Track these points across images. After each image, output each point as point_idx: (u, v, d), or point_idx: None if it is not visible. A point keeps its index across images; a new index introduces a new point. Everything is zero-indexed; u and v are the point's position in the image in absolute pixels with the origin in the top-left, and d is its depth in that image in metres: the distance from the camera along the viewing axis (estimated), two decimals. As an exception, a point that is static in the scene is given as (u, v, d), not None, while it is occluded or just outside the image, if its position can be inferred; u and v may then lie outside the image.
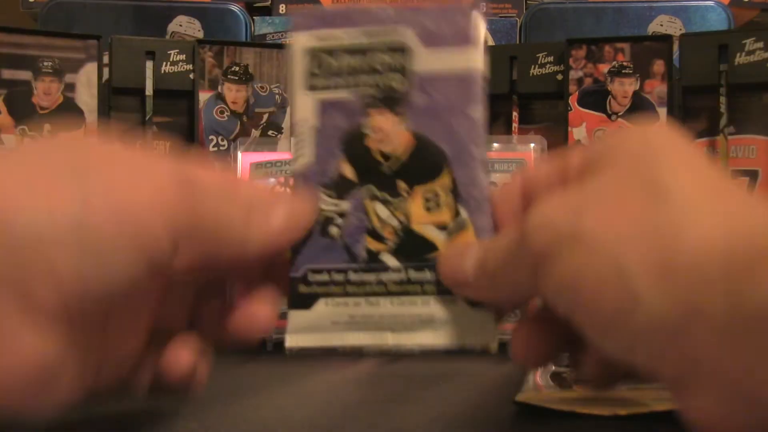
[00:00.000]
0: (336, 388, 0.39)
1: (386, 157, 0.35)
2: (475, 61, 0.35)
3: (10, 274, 0.25)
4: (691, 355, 0.24)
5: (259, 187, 0.35)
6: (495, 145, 0.63)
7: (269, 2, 0.91)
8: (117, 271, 0.27)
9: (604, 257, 0.25)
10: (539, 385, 0.39)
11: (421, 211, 0.34)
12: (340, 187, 0.35)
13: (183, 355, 0.32)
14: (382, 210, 0.34)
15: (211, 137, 0.74)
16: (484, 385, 0.38)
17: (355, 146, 0.35)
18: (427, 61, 0.35)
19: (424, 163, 0.34)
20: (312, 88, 0.36)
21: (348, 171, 0.35)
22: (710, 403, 0.24)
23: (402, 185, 0.34)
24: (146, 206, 0.27)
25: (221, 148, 0.74)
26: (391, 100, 0.35)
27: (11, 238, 0.25)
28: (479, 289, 0.32)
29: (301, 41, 0.36)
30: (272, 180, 0.64)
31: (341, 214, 0.35)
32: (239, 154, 0.65)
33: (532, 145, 0.62)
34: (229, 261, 0.32)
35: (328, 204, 0.35)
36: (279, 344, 0.42)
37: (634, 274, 0.24)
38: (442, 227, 0.34)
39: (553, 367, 0.41)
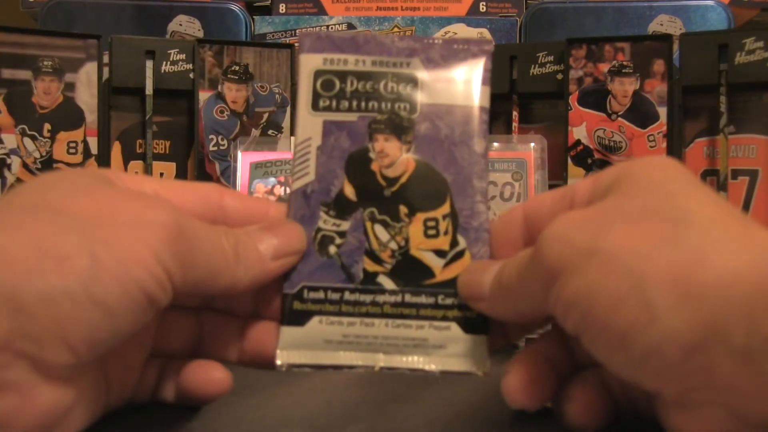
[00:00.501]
0: (336, 388, 0.39)
1: (389, 181, 0.35)
2: (480, 98, 0.36)
3: (22, 339, 0.26)
4: (706, 372, 0.24)
5: (256, 209, 0.35)
6: (495, 144, 0.63)
7: (269, 2, 0.91)
8: (125, 320, 0.28)
9: (622, 273, 0.25)
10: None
11: (420, 237, 0.35)
12: (340, 207, 0.35)
13: (216, 374, 0.34)
14: (381, 232, 0.35)
15: (211, 137, 0.74)
16: (484, 385, 0.38)
17: (358, 168, 0.35)
18: (434, 93, 0.36)
19: (426, 190, 0.35)
20: (318, 108, 0.36)
21: (350, 192, 0.35)
22: (716, 419, 0.25)
23: (403, 210, 0.35)
24: (149, 254, 0.28)
25: (221, 147, 0.74)
26: (397, 127, 0.36)
27: (23, 306, 0.25)
28: (494, 305, 0.32)
29: (310, 62, 0.36)
30: (272, 179, 0.64)
31: (340, 234, 0.35)
32: (239, 154, 0.65)
33: (532, 144, 0.62)
34: (222, 295, 0.33)
35: (328, 223, 0.35)
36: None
37: (652, 291, 0.25)
38: (440, 254, 0.35)
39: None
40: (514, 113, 0.74)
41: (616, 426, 0.32)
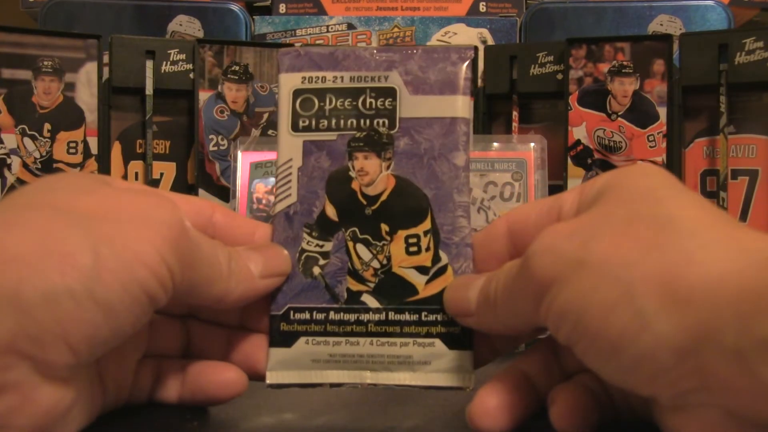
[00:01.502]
0: (336, 388, 0.39)
1: (370, 199, 0.35)
2: (460, 109, 0.36)
3: (25, 340, 0.26)
4: (699, 375, 0.24)
5: (243, 228, 0.36)
6: (495, 144, 0.63)
7: (269, 2, 0.91)
8: (126, 320, 0.28)
9: (612, 281, 0.26)
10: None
11: (402, 254, 0.35)
12: (323, 228, 0.35)
13: (230, 375, 0.34)
14: (364, 252, 0.35)
15: (211, 137, 0.74)
16: (485, 385, 0.38)
17: (339, 188, 0.35)
18: (414, 106, 0.36)
19: (406, 207, 0.35)
20: (298, 129, 0.36)
21: (331, 212, 0.35)
22: (713, 421, 0.25)
23: (384, 228, 0.35)
24: (153, 253, 0.28)
25: (221, 147, 0.74)
26: (376, 144, 0.35)
27: (26, 306, 0.25)
28: (481, 319, 0.32)
29: (288, 82, 0.36)
30: (272, 179, 0.64)
31: (323, 255, 0.35)
32: (239, 154, 0.65)
33: (532, 144, 0.62)
34: (212, 305, 0.33)
35: (311, 244, 0.35)
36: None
37: (642, 297, 0.25)
38: (422, 270, 0.35)
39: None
40: (514, 113, 0.74)
41: (615, 426, 0.32)
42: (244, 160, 0.65)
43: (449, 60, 0.36)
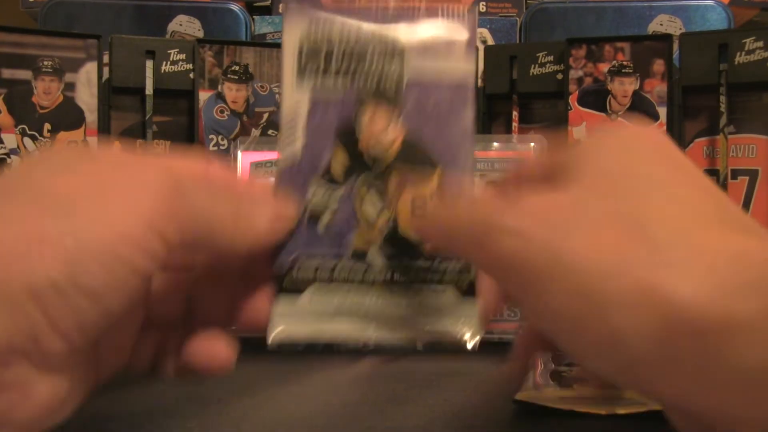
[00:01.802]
0: (336, 388, 0.39)
1: (377, 155, 0.35)
2: (467, 67, 0.36)
3: (19, 335, 0.25)
4: (675, 386, 0.24)
5: (242, 183, 0.35)
6: (495, 144, 0.63)
7: (269, 2, 0.91)
8: (115, 301, 0.27)
9: (584, 295, 0.25)
10: (539, 383, 0.39)
11: (408, 211, 0.35)
12: (329, 182, 0.35)
13: (220, 349, 0.33)
14: (370, 208, 0.35)
15: (211, 137, 0.74)
16: (484, 385, 0.38)
17: (345, 144, 0.35)
18: (422, 64, 0.35)
19: (413, 166, 0.35)
20: (304, 81, 0.35)
21: (338, 166, 0.35)
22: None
23: (390, 185, 0.35)
24: (140, 223, 0.27)
25: (221, 147, 0.74)
26: (384, 100, 0.35)
27: (16, 301, 0.25)
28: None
29: (294, 33, 0.36)
30: (272, 179, 0.64)
31: (329, 209, 0.35)
32: (239, 154, 0.65)
33: (532, 144, 0.62)
34: (218, 260, 0.32)
35: (317, 198, 0.35)
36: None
37: (615, 315, 0.24)
38: None
39: (553, 366, 0.41)
40: (514, 113, 0.74)
41: (616, 425, 0.32)
42: (244, 160, 0.65)
43: (457, 17, 0.36)
